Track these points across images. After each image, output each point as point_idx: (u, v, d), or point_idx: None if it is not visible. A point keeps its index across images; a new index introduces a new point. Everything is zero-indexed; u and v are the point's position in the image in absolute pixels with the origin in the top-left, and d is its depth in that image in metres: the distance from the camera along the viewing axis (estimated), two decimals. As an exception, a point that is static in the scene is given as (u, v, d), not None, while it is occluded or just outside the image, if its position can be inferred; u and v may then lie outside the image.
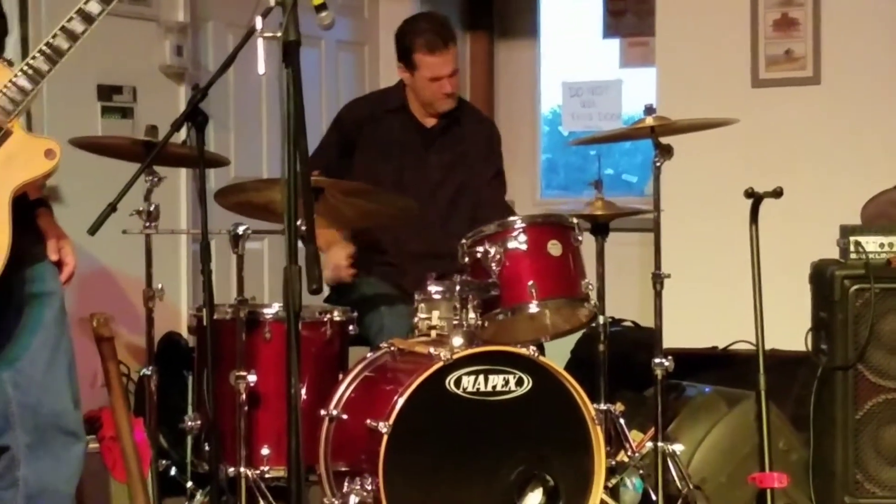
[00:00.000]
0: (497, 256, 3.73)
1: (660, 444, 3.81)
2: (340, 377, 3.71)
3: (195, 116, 3.48)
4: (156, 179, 3.69)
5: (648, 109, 3.88)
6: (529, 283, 3.73)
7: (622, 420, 3.92)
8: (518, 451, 3.45)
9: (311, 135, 2.67)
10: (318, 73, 5.91)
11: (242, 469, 3.64)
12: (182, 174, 4.97)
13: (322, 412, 3.60)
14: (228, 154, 4.67)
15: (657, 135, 3.85)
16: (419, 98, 4.51)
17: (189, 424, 3.73)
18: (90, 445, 3.24)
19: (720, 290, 5.03)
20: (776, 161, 5.17)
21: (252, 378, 3.64)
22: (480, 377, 3.42)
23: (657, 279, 3.88)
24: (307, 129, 2.51)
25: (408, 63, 4.46)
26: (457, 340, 3.54)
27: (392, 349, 3.66)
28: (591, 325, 3.98)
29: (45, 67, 2.77)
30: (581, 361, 4.61)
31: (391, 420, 3.31)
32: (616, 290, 4.21)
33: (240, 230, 3.67)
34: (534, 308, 3.75)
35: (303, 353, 2.57)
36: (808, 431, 4.11)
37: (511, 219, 3.91)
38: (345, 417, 3.56)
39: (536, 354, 3.48)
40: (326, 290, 4.34)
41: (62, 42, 2.78)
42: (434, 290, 3.70)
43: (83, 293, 4.21)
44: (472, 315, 3.60)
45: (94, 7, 2.79)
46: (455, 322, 3.60)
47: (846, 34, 5.16)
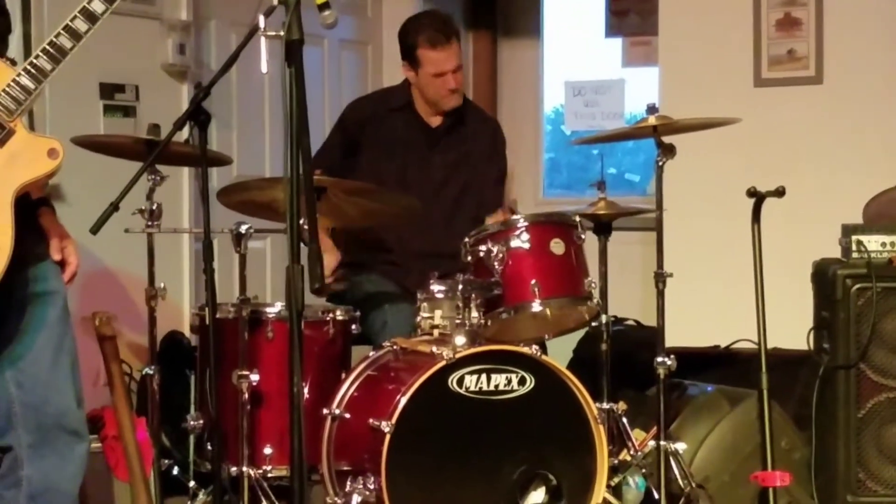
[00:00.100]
0: (500, 255, 3.73)
1: (662, 443, 3.82)
2: (343, 376, 3.71)
3: (198, 115, 3.49)
4: (158, 178, 3.69)
5: (651, 109, 3.88)
6: (532, 282, 3.72)
7: (624, 419, 3.91)
8: (521, 450, 3.45)
9: (314, 134, 2.67)
10: (321, 72, 5.90)
11: (245, 468, 3.64)
12: (184, 173, 4.96)
13: (325, 411, 3.60)
14: (231, 153, 4.65)
15: (660, 134, 3.85)
16: (424, 96, 4.51)
17: (191, 424, 3.73)
18: (92, 445, 3.23)
19: (722, 289, 5.02)
20: (778, 160, 5.16)
21: (254, 377, 3.64)
22: (483, 376, 3.42)
23: (659, 278, 3.88)
24: (310, 128, 2.51)
25: (411, 60, 4.47)
26: (459, 339, 3.54)
27: (395, 348, 3.66)
28: (594, 324, 3.98)
29: (49, 67, 2.77)
30: (583, 360, 4.61)
31: (394, 419, 3.31)
32: (618, 289, 4.21)
33: (242, 229, 3.66)
34: (536, 307, 3.74)
35: (305, 352, 2.57)
36: (811, 430, 4.11)
37: (514, 217, 3.91)
38: (347, 416, 3.56)
39: (539, 353, 3.48)
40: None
41: (65, 41, 2.77)
42: (437, 289, 3.70)
43: (86, 292, 4.20)
44: (475, 314, 3.60)
45: (98, 6, 2.78)
46: (458, 321, 3.60)
47: (849, 34, 5.15)
